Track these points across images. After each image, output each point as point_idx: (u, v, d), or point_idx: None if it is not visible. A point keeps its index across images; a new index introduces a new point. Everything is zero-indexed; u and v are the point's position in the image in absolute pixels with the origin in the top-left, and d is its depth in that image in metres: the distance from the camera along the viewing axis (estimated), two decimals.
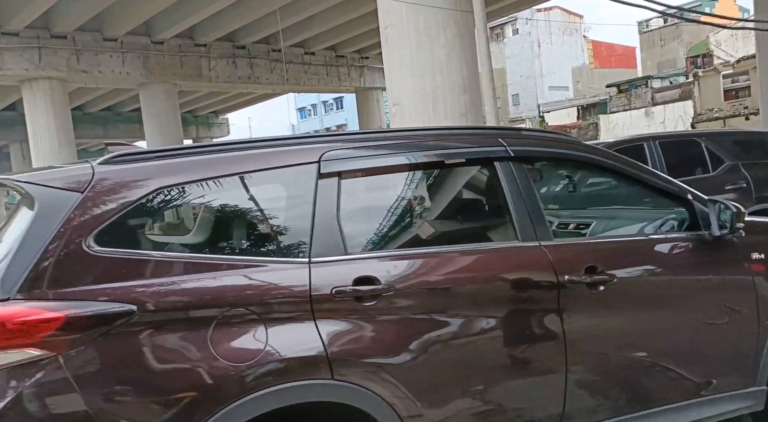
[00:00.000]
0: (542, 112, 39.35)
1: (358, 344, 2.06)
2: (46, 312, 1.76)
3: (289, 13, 23.88)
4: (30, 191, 1.92)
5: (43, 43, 24.30)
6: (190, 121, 44.48)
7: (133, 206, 1.94)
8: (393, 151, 2.39)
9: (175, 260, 1.97)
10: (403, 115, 13.95)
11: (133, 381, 1.82)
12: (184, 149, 2.19)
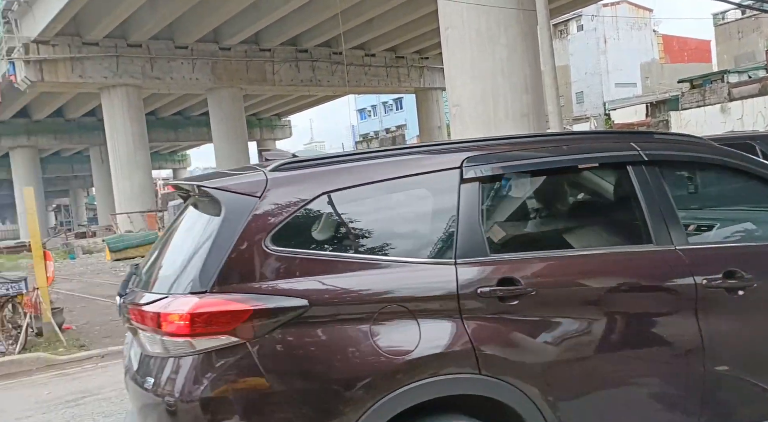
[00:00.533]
0: (608, 110, 38.11)
1: (503, 341, 2.15)
2: (238, 304, 1.95)
3: (350, 15, 24.26)
4: (217, 196, 2.11)
5: (120, 51, 25.70)
6: (255, 123, 45.86)
7: (301, 209, 2.12)
8: (529, 156, 2.48)
9: (340, 259, 2.11)
10: (463, 116, 13.91)
11: (306, 368, 1.98)
12: (342, 157, 2.34)
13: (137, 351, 2.27)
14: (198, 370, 1.94)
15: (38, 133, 40.11)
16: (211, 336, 1.94)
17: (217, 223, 2.07)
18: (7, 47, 23.85)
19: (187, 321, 1.93)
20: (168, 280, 2.15)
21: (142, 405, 2.13)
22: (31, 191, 8.02)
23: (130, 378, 2.27)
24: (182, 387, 1.94)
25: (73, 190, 62.95)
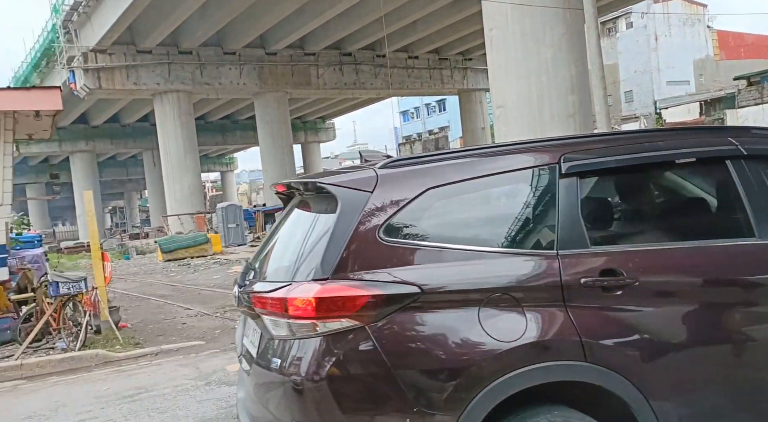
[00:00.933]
0: (659, 108, 36.96)
1: (607, 331, 2.22)
2: (357, 290, 2.11)
3: (393, 19, 24.38)
4: (333, 191, 2.29)
5: (172, 59, 26.58)
6: (299, 126, 46.55)
7: (411, 203, 2.27)
8: (625, 150, 2.54)
9: (447, 249, 2.24)
10: (507, 117, 13.79)
11: (420, 351, 2.11)
12: (444, 154, 2.48)
13: (255, 338, 2.47)
14: (322, 351, 2.10)
15: (96, 138, 41.87)
16: (333, 319, 2.10)
17: (333, 216, 2.24)
18: (68, 56, 25.01)
19: (313, 304, 2.10)
20: (289, 269, 2.32)
21: (267, 384, 2.30)
22: (91, 195, 8.41)
23: (252, 363, 2.44)
24: (308, 366, 2.10)
25: (127, 193, 65.37)
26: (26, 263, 9.37)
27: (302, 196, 2.67)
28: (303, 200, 2.66)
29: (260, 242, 3.11)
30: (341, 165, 77.15)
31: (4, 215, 7.76)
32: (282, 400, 2.19)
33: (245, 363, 2.59)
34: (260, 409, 2.40)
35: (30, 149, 39.85)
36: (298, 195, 2.72)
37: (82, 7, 23.78)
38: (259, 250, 2.88)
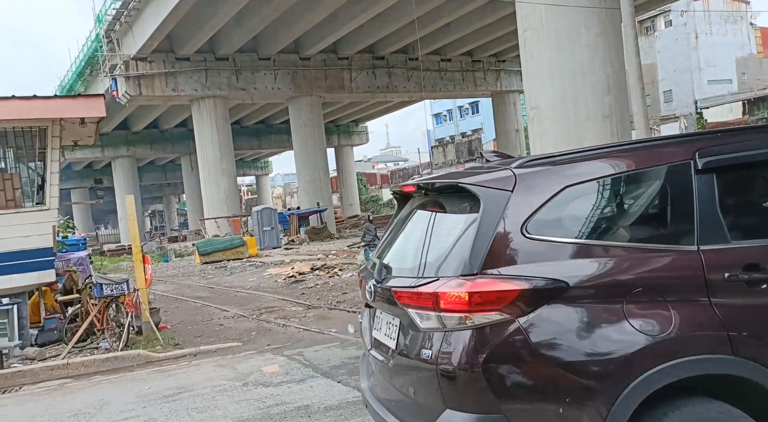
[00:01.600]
0: (700, 108, 35.95)
1: (756, 324, 2.24)
2: (507, 285, 2.19)
3: (426, 21, 24.39)
4: (475, 191, 2.38)
5: (209, 65, 27.19)
6: (333, 130, 46.93)
7: (550, 201, 2.34)
8: (760, 144, 2.53)
9: (590, 244, 2.31)
10: (542, 118, 13.63)
11: (569, 344, 2.17)
12: (576, 154, 2.55)
13: (392, 331, 2.59)
14: (474, 342, 2.19)
15: (136, 143, 43.06)
16: (485, 313, 2.19)
17: (475, 215, 2.33)
18: (110, 65, 25.81)
19: (465, 299, 2.19)
20: (431, 266, 2.42)
21: (413, 373, 2.39)
22: (132, 199, 8.66)
23: (392, 354, 2.55)
24: (461, 356, 2.19)
25: (166, 196, 66.96)
26: (72, 265, 9.70)
27: (429, 196, 2.77)
28: (431, 199, 2.76)
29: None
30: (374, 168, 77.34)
31: (52, 219, 8.05)
32: (432, 388, 2.26)
33: (378, 355, 2.71)
34: (401, 396, 2.50)
35: (75, 155, 41.21)
36: (422, 195, 2.83)
37: (124, 17, 24.52)
38: (383, 247, 3.02)
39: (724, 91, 36.68)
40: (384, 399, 2.68)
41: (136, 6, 23.53)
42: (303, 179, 30.03)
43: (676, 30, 38.84)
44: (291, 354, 6.43)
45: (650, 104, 32.35)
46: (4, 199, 7.68)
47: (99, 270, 11.27)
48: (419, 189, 2.82)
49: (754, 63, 41.04)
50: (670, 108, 38.57)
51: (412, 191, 2.88)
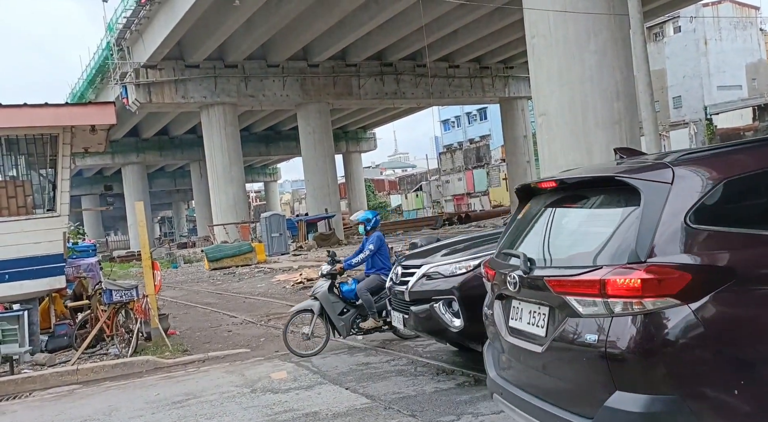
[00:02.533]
0: (710, 114, 35.74)
1: None
2: (679, 272, 2.28)
3: (434, 28, 24.44)
4: (637, 185, 2.49)
5: (218, 72, 27.36)
6: (341, 136, 47.04)
7: (710, 192, 2.44)
8: None
9: (755, 234, 2.38)
10: (551, 124, 13.60)
11: (743, 329, 2.25)
12: (730, 147, 2.66)
13: (538, 319, 2.71)
14: (645, 326, 2.28)
15: (146, 150, 43.35)
16: (656, 298, 2.28)
17: (636, 206, 2.45)
18: (121, 72, 26.05)
19: (637, 285, 2.28)
20: (587, 255, 2.53)
21: (574, 359, 2.48)
22: (142, 205, 8.71)
23: (545, 342, 2.63)
24: (631, 340, 2.27)
25: (175, 203, 67.30)
26: (82, 271, 9.76)
27: (570, 191, 2.90)
28: (573, 194, 2.90)
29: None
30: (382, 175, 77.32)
31: (62, 226, 8.11)
32: (599, 371, 2.33)
33: (520, 343, 2.80)
34: (557, 381, 2.59)
35: (85, 162, 41.54)
36: (560, 191, 2.95)
37: (135, 25, 24.75)
38: (510, 241, 3.16)
39: (734, 98, 36.46)
40: (531, 385, 2.76)
41: (147, 14, 23.75)
42: (311, 186, 30.11)
43: (685, 36, 38.70)
44: (299, 361, 6.43)
45: (659, 110, 32.19)
46: (15, 205, 7.75)
47: (108, 276, 11.33)
48: (562, 184, 2.93)
49: (765, 69, 40.79)
50: (679, 114, 38.37)
51: (551, 186, 2.99)
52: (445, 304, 4.87)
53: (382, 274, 6.59)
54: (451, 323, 4.81)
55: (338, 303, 6.61)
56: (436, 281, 4.98)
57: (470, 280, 4.75)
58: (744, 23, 40.24)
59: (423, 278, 5.08)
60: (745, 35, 40.16)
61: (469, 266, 4.83)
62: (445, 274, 4.96)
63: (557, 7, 12.24)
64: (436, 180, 56.71)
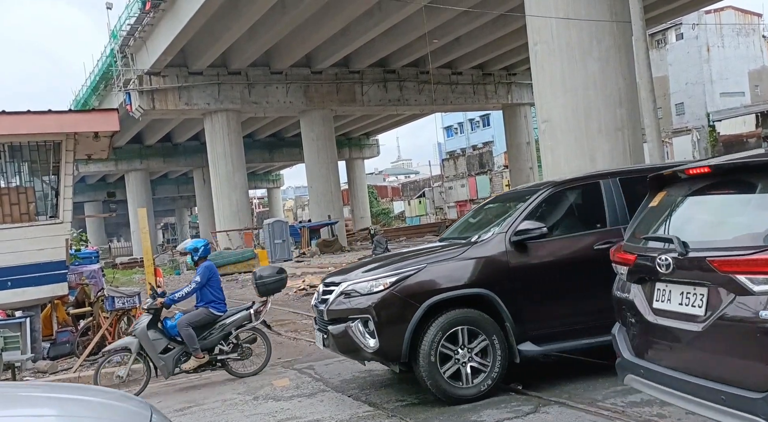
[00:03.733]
0: (712, 121, 35.70)
1: None
2: None
3: (437, 35, 24.51)
4: None
5: (221, 79, 27.45)
6: (344, 143, 47.11)
7: None
8: None
9: None
10: (554, 131, 13.58)
11: None
12: None
13: (693, 300, 2.81)
14: None
15: (150, 157, 43.46)
16: None
17: None
18: (124, 79, 26.16)
19: None
20: (758, 236, 2.63)
21: (748, 337, 2.57)
22: (145, 212, 8.73)
23: (706, 321, 2.71)
24: None
25: (178, 209, 67.39)
26: (84, 278, 9.75)
27: (723, 176, 3.01)
28: (730, 179, 3.01)
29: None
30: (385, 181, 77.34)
31: (65, 233, 8.12)
32: None
33: (674, 324, 2.88)
34: (723, 358, 2.66)
35: (88, 169, 41.66)
36: (708, 177, 3.04)
37: (139, 32, 24.87)
38: (646, 227, 3.30)
39: (737, 104, 36.42)
40: (684, 363, 2.83)
41: (150, 22, 23.87)
42: (314, 192, 30.13)
43: (687, 43, 38.74)
44: (302, 368, 6.40)
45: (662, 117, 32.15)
46: (18, 212, 7.76)
47: (111, 283, 11.33)
48: (718, 169, 3.01)
49: (767, 75, 40.76)
50: (682, 121, 38.35)
51: (702, 172, 3.05)
52: (362, 323, 4.66)
53: (212, 307, 6.32)
54: (366, 343, 4.61)
55: (160, 340, 6.14)
56: (354, 299, 4.75)
57: (387, 298, 4.58)
58: (746, 30, 40.26)
59: (341, 297, 4.82)
60: (748, 42, 40.17)
61: (386, 284, 4.63)
62: (362, 292, 4.72)
63: (560, 14, 12.25)
64: (439, 187, 56.67)
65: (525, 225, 4.77)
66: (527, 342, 4.64)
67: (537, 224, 4.76)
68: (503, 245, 4.77)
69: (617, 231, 4.79)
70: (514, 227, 4.81)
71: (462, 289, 4.64)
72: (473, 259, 4.75)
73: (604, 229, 4.96)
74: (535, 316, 4.73)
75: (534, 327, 4.69)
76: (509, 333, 4.60)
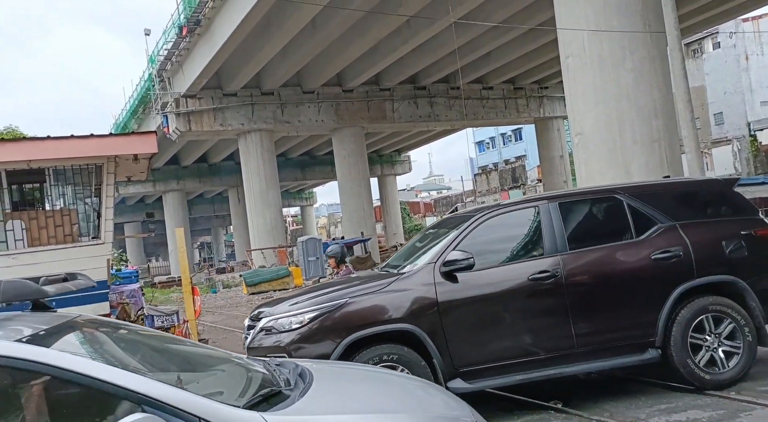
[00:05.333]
0: (753, 130, 34.67)
1: None
2: None
3: (467, 51, 24.55)
4: None
5: (255, 100, 28.01)
6: (375, 160, 47.36)
7: None
8: None
9: None
10: (587, 144, 13.40)
11: None
12: None
13: None
14: None
15: (186, 177, 44.46)
16: None
17: None
18: (162, 102, 26.94)
19: None
20: None
21: None
22: (182, 232, 8.89)
23: None
24: None
25: (214, 228, 68.59)
26: (124, 297, 9.97)
27: None
28: None
29: None
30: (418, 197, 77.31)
31: (106, 253, 8.34)
32: None
33: None
34: None
35: (128, 190, 42.81)
36: None
37: (175, 56, 25.65)
38: None
39: None
40: None
41: (187, 46, 24.59)
42: (347, 209, 30.28)
43: (725, 52, 37.87)
44: None
45: (700, 128, 31.38)
46: (62, 234, 8.02)
47: (150, 302, 11.55)
48: None
49: None
50: (721, 131, 37.36)
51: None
52: None
53: None
54: None
55: None
56: (272, 336, 4.47)
57: (306, 335, 4.32)
58: None
59: (261, 333, 4.55)
60: None
61: (304, 320, 4.36)
62: (281, 328, 4.44)
63: (591, 26, 12.15)
64: (471, 202, 56.33)
65: (454, 255, 4.52)
66: (457, 378, 4.36)
67: (466, 254, 4.50)
68: (431, 277, 4.50)
69: (555, 260, 4.62)
70: (443, 257, 4.55)
71: (385, 325, 4.37)
72: (399, 292, 4.47)
73: (541, 257, 4.70)
74: (466, 352, 4.44)
75: (464, 363, 4.40)
76: (437, 370, 4.32)
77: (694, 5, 22.67)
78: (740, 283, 4.75)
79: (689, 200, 5.31)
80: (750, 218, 5.14)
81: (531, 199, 5.23)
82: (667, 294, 4.66)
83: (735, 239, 4.89)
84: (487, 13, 21.18)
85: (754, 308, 4.73)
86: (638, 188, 5.22)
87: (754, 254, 4.89)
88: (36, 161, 8.04)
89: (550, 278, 4.56)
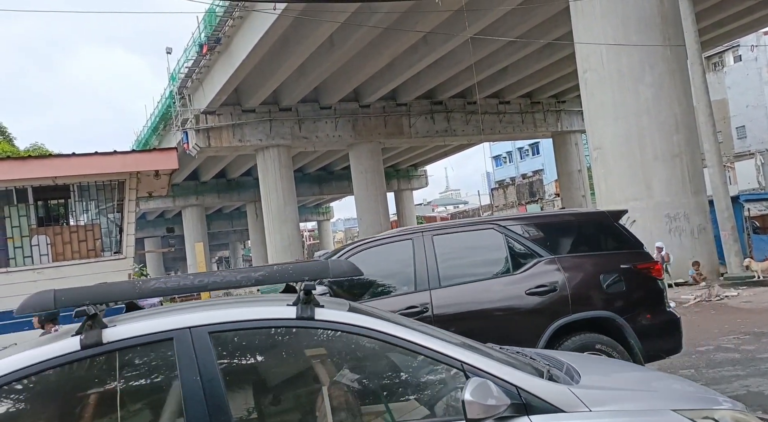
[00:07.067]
0: None
1: None
2: None
3: (483, 66, 24.61)
4: None
5: (273, 116, 28.32)
6: (392, 175, 47.45)
7: None
8: None
9: None
10: (606, 158, 13.31)
11: None
12: None
13: None
14: None
15: (205, 193, 44.94)
16: None
17: None
18: (182, 119, 27.36)
19: None
20: None
21: None
22: (201, 246, 9.00)
23: None
24: None
25: (232, 243, 69.06)
26: None
27: None
28: None
29: None
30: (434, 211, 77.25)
31: (128, 267, 8.44)
32: None
33: None
34: None
35: (148, 205, 43.35)
36: None
37: (196, 74, 26.08)
38: None
39: None
40: None
41: (207, 64, 25.01)
42: (364, 224, 30.33)
43: (746, 65, 37.49)
44: None
45: (722, 141, 30.99)
46: (86, 249, 8.14)
47: None
48: None
49: None
50: (744, 145, 36.86)
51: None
52: None
53: None
54: None
55: None
56: None
57: None
58: None
59: None
60: None
61: None
62: None
63: (609, 40, 12.14)
64: (489, 216, 56.07)
65: (319, 290, 4.30)
66: None
67: (325, 289, 4.31)
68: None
69: (425, 295, 4.45)
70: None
71: None
72: None
73: (411, 293, 4.54)
74: None
75: None
76: None
77: (714, 19, 22.53)
78: (618, 319, 4.53)
79: (573, 232, 5.12)
80: (632, 252, 4.92)
81: (405, 231, 5.07)
82: (541, 331, 4.47)
83: (613, 273, 4.68)
84: (503, 29, 21.25)
85: (633, 346, 4.52)
86: (520, 220, 5.08)
87: (633, 289, 4.70)
88: (61, 177, 8.20)
89: (418, 315, 4.34)
